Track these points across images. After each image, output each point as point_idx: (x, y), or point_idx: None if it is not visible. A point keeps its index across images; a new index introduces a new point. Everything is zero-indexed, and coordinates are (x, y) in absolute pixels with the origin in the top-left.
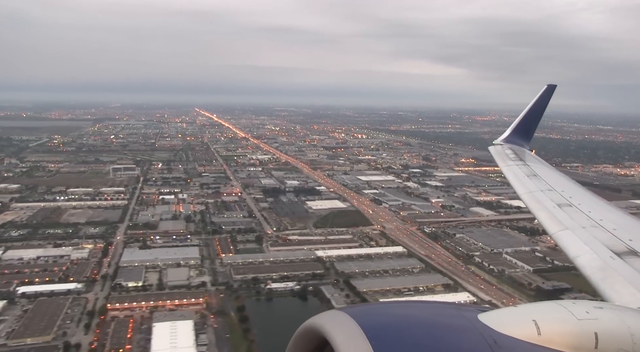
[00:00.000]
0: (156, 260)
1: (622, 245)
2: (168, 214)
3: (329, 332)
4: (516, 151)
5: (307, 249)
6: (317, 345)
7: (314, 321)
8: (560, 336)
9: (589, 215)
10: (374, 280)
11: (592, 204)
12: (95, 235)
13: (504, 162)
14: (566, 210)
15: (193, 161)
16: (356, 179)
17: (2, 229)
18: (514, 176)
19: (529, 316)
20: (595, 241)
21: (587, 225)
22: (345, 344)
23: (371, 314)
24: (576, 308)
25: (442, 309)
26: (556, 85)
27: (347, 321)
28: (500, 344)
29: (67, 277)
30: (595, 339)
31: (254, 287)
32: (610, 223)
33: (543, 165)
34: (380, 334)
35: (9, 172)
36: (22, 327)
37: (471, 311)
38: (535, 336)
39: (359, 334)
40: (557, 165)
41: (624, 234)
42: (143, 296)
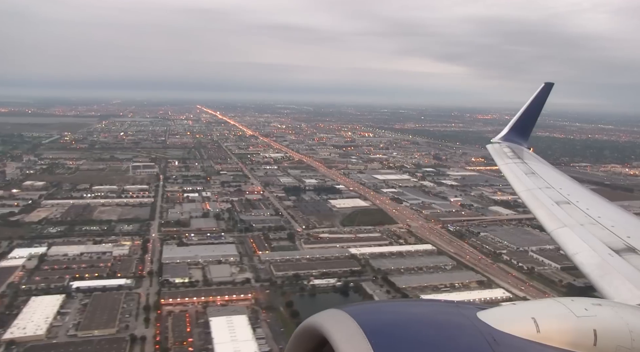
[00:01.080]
0: (196, 257)
1: (620, 242)
2: (197, 211)
3: (328, 331)
4: (514, 149)
5: (340, 246)
6: (316, 344)
7: (313, 320)
8: (559, 333)
9: (587, 212)
10: (410, 277)
11: (590, 201)
12: (130, 232)
13: (502, 160)
14: (564, 207)
15: (208, 159)
16: (372, 178)
17: (39, 226)
18: (512, 174)
19: (528, 313)
20: (594, 238)
21: (585, 222)
22: (344, 343)
23: (370, 312)
24: (575, 305)
25: (441, 307)
26: (553, 83)
27: (346, 319)
28: (500, 341)
29: (114, 273)
30: (594, 336)
31: (296, 284)
32: (608, 220)
33: (541, 163)
34: (380, 333)
35: (29, 169)
36: (86, 320)
37: (470, 309)
38: (534, 334)
39: (358, 332)
40: (566, 165)
41: (622, 231)
42: (193, 291)
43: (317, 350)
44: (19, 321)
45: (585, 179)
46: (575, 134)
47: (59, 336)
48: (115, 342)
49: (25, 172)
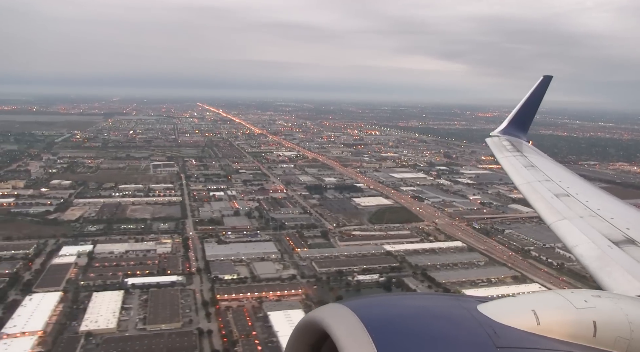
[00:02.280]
0: (239, 254)
1: (619, 234)
2: (227, 210)
3: (330, 325)
4: (513, 142)
5: (374, 243)
6: (318, 338)
7: (314, 315)
8: (559, 325)
9: (586, 205)
10: (447, 272)
11: (590, 193)
12: (168, 230)
13: (501, 153)
14: (564, 200)
15: (223, 158)
16: (389, 176)
17: (78, 224)
18: (511, 167)
19: (528, 305)
20: (593, 230)
21: (584, 214)
22: (345, 337)
23: (371, 306)
24: (575, 297)
25: (442, 300)
26: (552, 76)
27: (347, 314)
28: (500, 334)
29: (164, 270)
30: (593, 328)
31: (340, 279)
32: (607, 212)
33: (540, 156)
34: (381, 327)
35: (51, 168)
36: (151, 314)
37: (470, 302)
38: (534, 326)
39: (359, 326)
40: (574, 163)
41: (621, 223)
42: (245, 287)
43: (319, 344)
44: (89, 314)
45: (596, 177)
46: (578, 132)
47: (128, 329)
48: (185, 336)
49: (48, 171)
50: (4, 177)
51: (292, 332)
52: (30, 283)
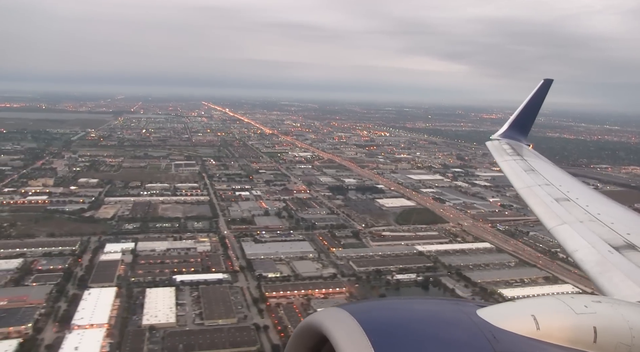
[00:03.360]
0: (277, 253)
1: (620, 239)
2: (256, 210)
3: (329, 329)
4: (513, 146)
5: (404, 244)
6: (317, 342)
7: (313, 318)
8: (559, 330)
9: (586, 209)
10: (481, 272)
11: (590, 198)
12: (203, 229)
13: (502, 157)
14: (564, 204)
15: (240, 158)
16: (407, 178)
17: (114, 222)
18: (511, 171)
19: (528, 310)
20: (593, 235)
21: (585, 219)
22: (344, 341)
23: (370, 311)
24: (575, 302)
25: (441, 305)
26: (552, 79)
27: (346, 318)
28: (499, 339)
29: (208, 268)
30: (594, 333)
31: (379, 278)
32: (608, 217)
33: (540, 160)
34: (380, 331)
35: (75, 167)
36: (207, 310)
37: (470, 307)
38: (534, 331)
39: (358, 331)
40: (586, 166)
41: (622, 228)
42: (291, 285)
43: (318, 348)
44: (147, 309)
45: (610, 181)
46: (585, 135)
47: (187, 324)
48: (244, 331)
49: (72, 169)
50: (32, 175)
51: (292, 336)
52: (84, 278)
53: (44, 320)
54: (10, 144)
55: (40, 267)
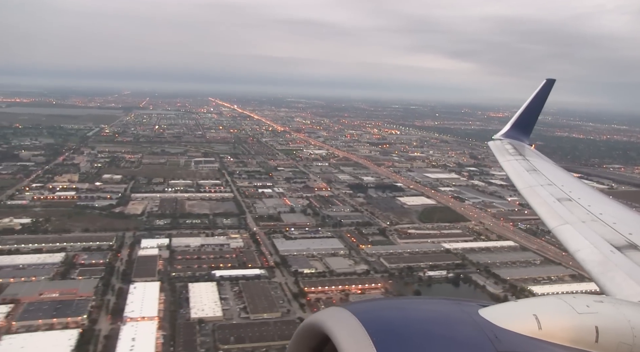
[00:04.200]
0: (309, 250)
1: (622, 239)
2: (282, 207)
3: (331, 329)
4: (516, 146)
5: (431, 241)
6: (319, 342)
7: (315, 318)
8: (561, 330)
9: (588, 209)
10: (509, 270)
11: (592, 198)
12: (232, 226)
13: (504, 157)
14: (566, 204)
15: (256, 155)
16: (424, 177)
17: (144, 218)
18: (513, 171)
19: (530, 310)
20: (595, 235)
21: (587, 219)
22: (346, 341)
23: (372, 310)
24: (577, 302)
25: (443, 305)
26: (555, 79)
27: (349, 317)
28: (501, 338)
29: (244, 264)
30: (595, 333)
31: (411, 275)
32: (610, 217)
33: (542, 160)
34: (382, 330)
35: (96, 163)
36: (251, 304)
37: (472, 306)
38: (536, 331)
39: (360, 330)
40: (599, 166)
41: (623, 228)
42: (327, 281)
43: (320, 347)
44: (193, 303)
45: (624, 181)
46: (594, 135)
47: (233, 318)
48: (290, 324)
49: (94, 165)
50: (56, 171)
51: (294, 336)
52: (126, 273)
53: (96, 312)
54: (29, 139)
55: (82, 262)
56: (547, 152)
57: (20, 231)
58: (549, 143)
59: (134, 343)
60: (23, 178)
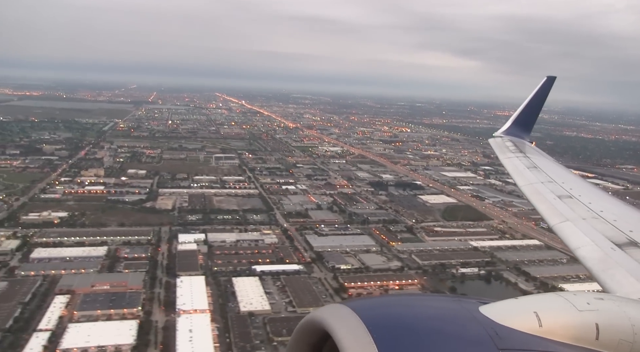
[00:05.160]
0: (342, 246)
1: (622, 236)
2: (307, 204)
3: (331, 325)
4: (516, 143)
5: (458, 239)
6: (319, 338)
7: (315, 315)
8: (562, 327)
9: (589, 206)
10: (538, 268)
11: (593, 195)
12: (263, 222)
13: (504, 154)
14: (566, 202)
15: (273, 152)
16: (441, 175)
17: (176, 213)
18: (513, 168)
19: (530, 307)
20: (596, 232)
21: (587, 216)
22: (347, 337)
23: (372, 307)
24: (577, 299)
25: (444, 301)
26: (555, 77)
27: (349, 314)
28: (502, 335)
29: (281, 259)
30: (596, 330)
31: (444, 272)
32: (610, 214)
33: (543, 157)
34: (382, 327)
35: (117, 157)
36: (296, 298)
37: (472, 303)
38: (536, 328)
39: (360, 327)
40: (611, 166)
41: (624, 225)
42: (365, 276)
43: (320, 344)
44: (241, 297)
45: (639, 181)
46: (602, 134)
47: (281, 311)
48: None
49: (116, 160)
50: (81, 165)
51: (294, 332)
52: (169, 267)
53: (148, 304)
54: (47, 133)
55: (126, 255)
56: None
57: (58, 224)
58: (558, 143)
59: (192, 334)
60: (50, 172)
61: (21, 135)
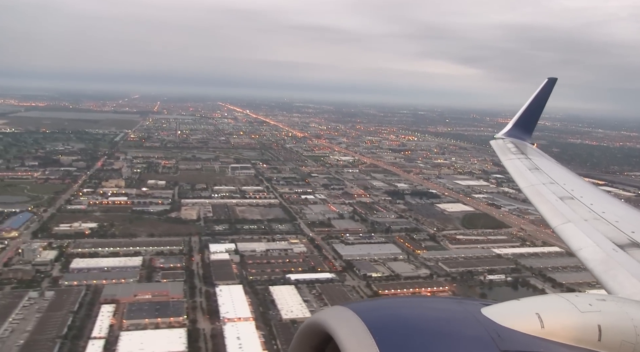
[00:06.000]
0: (370, 254)
1: (624, 237)
2: (328, 213)
3: (333, 327)
4: (518, 145)
5: (481, 247)
6: (321, 340)
7: (317, 317)
8: (564, 328)
9: (591, 208)
10: (563, 274)
11: (594, 196)
12: (289, 231)
13: (506, 156)
14: (568, 203)
15: (286, 161)
16: (455, 184)
17: (202, 223)
18: (515, 170)
19: (532, 309)
20: (598, 233)
21: (589, 218)
22: (349, 340)
23: (374, 309)
24: (579, 301)
25: (446, 303)
26: (556, 78)
27: (351, 316)
28: (504, 337)
29: (313, 268)
30: (598, 332)
31: (472, 279)
32: (612, 215)
33: (545, 159)
34: (384, 329)
35: (134, 168)
36: None
37: (474, 305)
38: (538, 329)
39: (362, 329)
40: (620, 174)
41: (626, 226)
42: (397, 284)
43: (322, 347)
44: (281, 305)
45: None
46: (606, 141)
47: None
48: None
49: (133, 171)
50: (100, 176)
51: (296, 335)
52: (205, 276)
53: (192, 313)
54: (61, 144)
55: (161, 265)
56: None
57: (89, 235)
58: (565, 150)
59: (240, 342)
60: (71, 183)
61: (36, 147)
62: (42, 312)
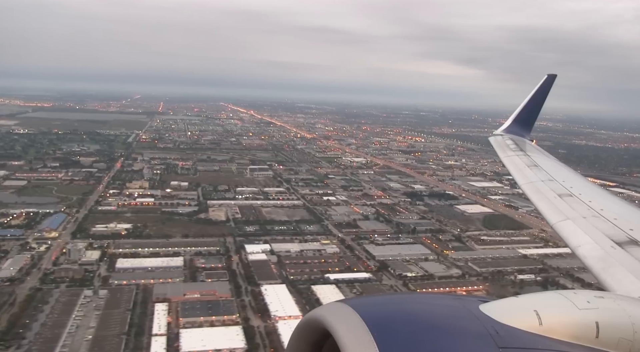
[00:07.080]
0: (401, 255)
1: (623, 234)
2: (352, 214)
3: (331, 323)
4: (517, 141)
5: (506, 247)
6: (319, 337)
7: (315, 313)
8: (562, 325)
9: (589, 205)
10: (589, 275)
11: (593, 193)
12: (318, 232)
13: (504, 152)
14: (567, 200)
15: (300, 163)
16: (470, 185)
17: (232, 224)
18: (514, 167)
19: (530, 306)
20: (596, 230)
21: (588, 215)
22: (347, 336)
23: (373, 305)
24: (577, 298)
25: (444, 300)
26: (556, 75)
27: (349, 312)
28: (502, 334)
29: (349, 268)
30: (596, 329)
31: (502, 279)
32: (611, 213)
33: (544, 156)
34: (382, 326)
35: (154, 169)
36: None
37: (472, 302)
38: (536, 326)
39: (360, 325)
40: (629, 175)
41: (624, 224)
42: (433, 283)
43: (320, 343)
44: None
45: None
46: (611, 143)
47: None
48: None
49: (154, 172)
50: (121, 177)
51: (294, 331)
52: (247, 276)
53: (242, 311)
54: (76, 145)
55: (203, 265)
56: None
57: (126, 236)
58: (571, 152)
59: None
60: (96, 184)
61: (52, 148)
62: (100, 309)
